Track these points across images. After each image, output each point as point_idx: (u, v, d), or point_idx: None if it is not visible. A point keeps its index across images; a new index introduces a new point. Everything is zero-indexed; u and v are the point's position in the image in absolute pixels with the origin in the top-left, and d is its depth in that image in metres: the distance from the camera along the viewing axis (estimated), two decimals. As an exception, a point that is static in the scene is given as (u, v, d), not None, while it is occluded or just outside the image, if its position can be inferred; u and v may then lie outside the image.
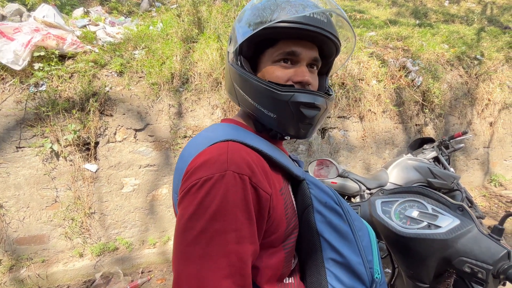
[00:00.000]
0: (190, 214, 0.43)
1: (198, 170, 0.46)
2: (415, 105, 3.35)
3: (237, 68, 0.57)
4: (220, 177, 0.44)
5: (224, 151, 0.48)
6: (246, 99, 0.57)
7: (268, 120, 0.56)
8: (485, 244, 0.63)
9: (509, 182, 4.05)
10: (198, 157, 0.49)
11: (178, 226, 0.45)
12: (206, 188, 0.44)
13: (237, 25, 0.58)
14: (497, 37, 4.63)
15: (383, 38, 3.79)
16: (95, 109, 2.21)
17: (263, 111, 0.55)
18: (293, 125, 0.55)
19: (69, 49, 2.32)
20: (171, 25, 2.97)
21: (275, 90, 0.52)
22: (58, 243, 2.27)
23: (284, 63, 0.56)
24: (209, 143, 0.51)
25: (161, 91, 2.46)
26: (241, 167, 0.46)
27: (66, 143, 2.18)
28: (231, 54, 0.60)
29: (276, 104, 0.53)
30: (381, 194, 0.89)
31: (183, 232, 0.43)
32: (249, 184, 0.45)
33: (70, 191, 2.24)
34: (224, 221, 0.43)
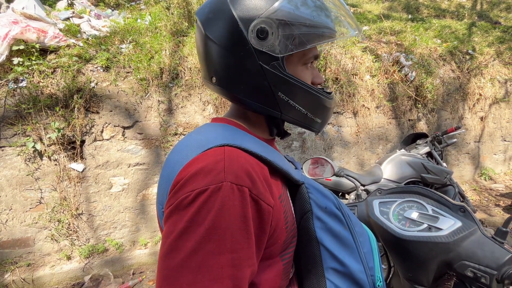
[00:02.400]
0: (179, 232, 0.37)
1: (190, 181, 0.40)
2: (408, 100, 3.35)
3: (287, 76, 0.51)
4: (216, 189, 0.39)
5: (220, 158, 0.42)
6: (295, 107, 0.54)
7: (312, 124, 0.57)
8: (488, 247, 0.61)
9: (498, 176, 4.13)
10: (189, 166, 0.43)
11: (163, 245, 0.38)
12: (199, 202, 0.38)
13: (286, 17, 0.48)
14: (488, 32, 4.67)
15: (377, 33, 3.76)
16: (80, 106, 2.11)
17: (313, 118, 0.56)
18: (326, 124, 0.61)
19: (51, 43, 2.20)
20: (160, 18, 2.87)
21: (326, 97, 0.56)
22: (44, 245, 2.19)
23: (308, 65, 0.56)
24: (202, 148, 0.45)
25: (150, 87, 2.37)
26: (240, 177, 0.41)
27: (49, 142, 2.08)
28: (262, 52, 0.49)
29: (324, 110, 0.57)
30: (378, 194, 0.86)
31: (169, 253, 0.37)
32: (249, 197, 0.40)
33: (55, 192, 2.15)
34: (218, 241, 0.37)
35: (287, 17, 0.48)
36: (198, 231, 0.37)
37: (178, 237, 0.37)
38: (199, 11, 0.55)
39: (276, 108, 0.53)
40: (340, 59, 3.08)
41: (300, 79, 0.52)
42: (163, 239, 0.40)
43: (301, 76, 0.53)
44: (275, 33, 0.48)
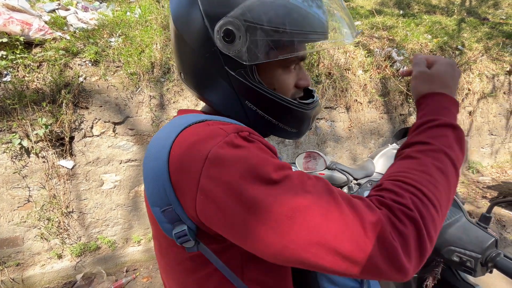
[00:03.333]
0: (239, 191, 0.34)
1: (194, 154, 0.37)
2: (399, 95, 3.39)
3: (255, 85, 0.46)
4: (228, 141, 0.37)
5: (207, 127, 0.40)
6: (264, 117, 0.49)
7: (287, 134, 0.54)
8: (473, 232, 0.63)
9: (485, 169, 4.25)
10: (179, 145, 0.39)
11: (238, 214, 0.34)
12: (223, 158, 0.35)
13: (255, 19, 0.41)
14: (477, 28, 4.75)
15: (369, 28, 3.78)
16: (68, 101, 2.05)
17: (286, 129, 0.52)
18: (305, 132, 0.56)
19: (36, 36, 2.12)
20: (150, 11, 2.80)
21: (305, 110, 0.51)
22: (33, 245, 2.13)
23: (290, 68, 0.50)
24: (180, 128, 0.41)
25: (140, 81, 2.32)
26: (239, 128, 0.40)
27: (37, 138, 2.01)
28: (229, 57, 0.44)
29: (301, 121, 0.53)
30: (369, 186, 0.88)
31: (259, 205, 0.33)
32: (253, 138, 0.40)
33: (44, 190, 2.09)
34: (269, 164, 0.36)
35: (257, 19, 0.40)
36: (255, 175, 0.34)
37: (242, 199, 0.34)
38: (171, 1, 0.49)
39: (244, 116, 0.49)
40: (333, 54, 3.09)
41: (274, 84, 0.48)
42: (233, 215, 0.35)
43: (279, 80, 0.48)
44: (243, 37, 0.41)
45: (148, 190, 0.43)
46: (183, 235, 0.40)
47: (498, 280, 1.96)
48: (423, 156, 0.39)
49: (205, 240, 0.42)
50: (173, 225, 0.41)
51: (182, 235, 0.40)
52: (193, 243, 0.42)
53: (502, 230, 2.80)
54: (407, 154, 0.41)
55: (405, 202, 0.33)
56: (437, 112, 0.43)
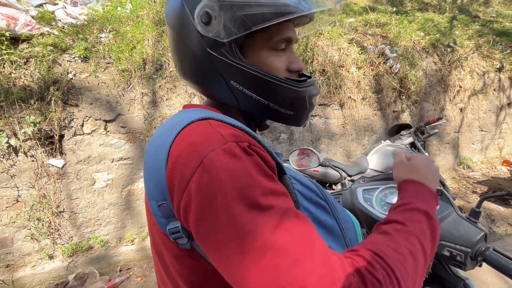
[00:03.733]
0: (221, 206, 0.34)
1: (191, 155, 0.37)
2: (392, 92, 3.41)
3: (236, 62, 0.47)
4: (225, 150, 0.37)
5: (210, 127, 0.40)
6: (252, 97, 0.49)
7: (283, 117, 0.52)
8: (463, 227, 0.64)
9: (475, 164, 4.33)
10: (179, 143, 0.39)
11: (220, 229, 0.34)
12: (218, 167, 0.35)
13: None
14: (468, 26, 4.82)
15: (362, 25, 3.79)
16: (57, 98, 2.00)
17: (279, 110, 0.50)
18: (305, 117, 0.54)
19: (22, 31, 2.06)
20: (142, 7, 2.74)
21: (296, 87, 0.49)
22: (23, 245, 2.09)
23: (280, 50, 0.50)
24: (182, 125, 0.41)
25: (132, 78, 2.28)
26: (239, 136, 0.39)
27: (25, 136, 1.96)
28: (208, 38, 0.46)
29: (295, 101, 0.51)
30: (362, 182, 0.88)
31: (235, 226, 0.33)
32: (251, 151, 0.39)
33: (33, 190, 2.05)
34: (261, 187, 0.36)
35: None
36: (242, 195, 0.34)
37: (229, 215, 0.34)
38: (166, 4, 0.53)
39: (233, 98, 0.49)
40: (327, 50, 3.09)
41: (262, 67, 0.48)
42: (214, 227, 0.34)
43: (266, 63, 0.48)
44: (218, 17, 0.44)
45: (147, 182, 0.43)
46: (177, 232, 0.40)
47: (487, 273, 2.01)
48: (399, 237, 0.41)
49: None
50: (167, 220, 0.41)
51: (175, 231, 0.40)
52: (186, 240, 0.41)
53: (491, 224, 2.87)
54: (385, 230, 0.43)
55: (378, 276, 0.34)
56: (416, 198, 0.46)
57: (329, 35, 3.21)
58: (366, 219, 0.76)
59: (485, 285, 1.96)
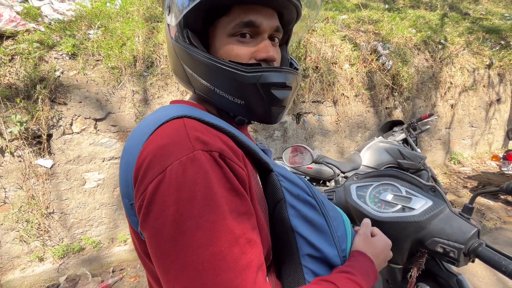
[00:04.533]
0: (172, 220, 0.34)
1: (156, 160, 0.36)
2: (385, 88, 3.44)
3: (185, 46, 0.46)
4: (190, 161, 0.36)
5: (182, 129, 0.39)
6: (203, 83, 0.47)
7: (234, 107, 0.47)
8: (456, 223, 0.64)
9: (466, 159, 4.41)
10: (149, 145, 0.39)
11: (160, 239, 0.35)
12: (178, 179, 0.35)
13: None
14: (458, 23, 4.88)
15: (355, 22, 3.79)
16: (44, 96, 1.94)
17: (226, 97, 0.47)
18: (264, 110, 0.48)
19: (6, 27, 1.99)
20: (132, 3, 2.69)
21: (241, 71, 0.44)
22: (12, 248, 2.04)
23: (242, 38, 0.47)
24: (157, 124, 0.41)
25: (122, 76, 2.23)
26: (209, 143, 0.38)
27: (11, 136, 1.90)
28: (173, 28, 0.48)
29: (243, 88, 0.45)
30: (355, 179, 0.88)
31: (175, 242, 0.34)
32: (222, 161, 0.38)
33: (21, 191, 1.99)
34: (216, 209, 0.35)
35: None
36: (194, 207, 0.34)
37: (173, 226, 0.34)
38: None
39: (188, 82, 0.51)
40: (320, 47, 3.08)
41: (222, 55, 0.47)
42: (153, 236, 0.35)
43: (225, 50, 0.47)
44: (172, 4, 0.47)
45: (120, 180, 0.43)
46: None
47: (478, 267, 2.05)
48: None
49: None
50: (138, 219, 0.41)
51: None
52: None
53: (481, 218, 2.93)
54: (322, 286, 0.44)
55: None
56: (362, 273, 0.48)
57: (322, 32, 3.20)
58: (360, 216, 0.76)
59: (475, 278, 2.00)
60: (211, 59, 0.45)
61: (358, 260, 0.51)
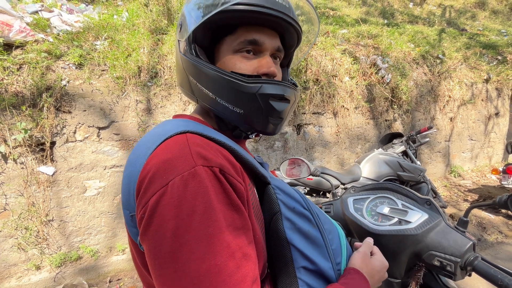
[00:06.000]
0: (172, 233, 0.35)
1: (158, 174, 0.38)
2: (384, 101, 3.48)
3: (192, 58, 0.50)
4: (191, 176, 0.37)
5: (184, 144, 0.41)
6: (206, 93, 0.50)
7: (234, 116, 0.50)
8: (452, 237, 0.64)
9: (466, 172, 4.41)
10: (152, 158, 0.41)
11: (159, 252, 0.36)
12: (179, 193, 0.36)
13: (186, 9, 0.50)
14: (456, 38, 4.98)
15: (355, 36, 3.88)
16: (50, 105, 1.98)
17: (227, 106, 0.49)
18: (262, 120, 0.50)
19: (16, 37, 2.05)
20: (138, 15, 2.77)
21: (241, 81, 0.47)
22: (9, 255, 2.02)
23: (247, 54, 0.51)
24: (162, 138, 0.43)
25: (127, 85, 2.28)
26: (210, 159, 0.40)
27: (15, 143, 1.93)
28: (182, 43, 0.52)
29: (243, 97, 0.48)
30: (352, 192, 0.89)
31: (173, 254, 0.35)
32: (222, 177, 0.40)
33: (22, 198, 2.00)
34: (216, 221, 0.36)
35: (190, 7, 0.50)
36: (190, 224, 0.35)
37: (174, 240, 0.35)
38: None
39: (192, 93, 0.54)
40: (320, 60, 3.15)
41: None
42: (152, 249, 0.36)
43: (229, 65, 0.50)
44: (183, 23, 0.51)
45: (122, 192, 0.45)
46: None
47: (478, 281, 2.02)
48: None
49: None
50: (138, 230, 0.41)
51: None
52: None
53: (482, 232, 2.90)
54: None
55: None
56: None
57: (322, 45, 3.28)
58: (357, 229, 0.76)
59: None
60: (215, 69, 0.48)
61: (353, 278, 0.51)
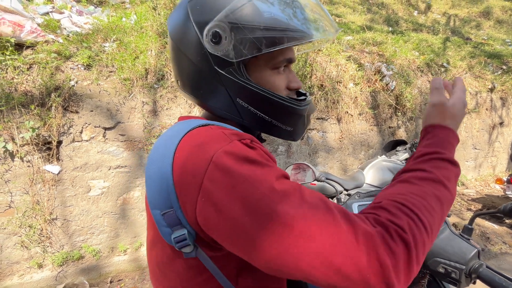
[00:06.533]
0: (242, 195, 0.35)
1: (198, 158, 0.38)
2: (389, 108, 3.49)
3: (245, 81, 0.48)
4: (230, 147, 0.39)
5: (211, 130, 0.42)
6: (256, 114, 0.51)
7: (282, 132, 0.54)
8: (457, 244, 0.64)
9: (470, 181, 4.38)
10: (183, 148, 0.40)
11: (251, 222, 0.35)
12: (228, 162, 0.37)
13: (232, 19, 0.45)
14: (460, 47, 4.99)
15: (360, 43, 3.91)
16: (58, 104, 2.01)
17: (280, 126, 0.53)
18: (301, 132, 0.57)
19: (27, 38, 2.09)
20: (146, 18, 2.81)
21: (296, 106, 0.52)
22: (12, 253, 2.03)
23: (279, 69, 0.53)
24: (183, 132, 0.43)
25: (133, 87, 2.30)
26: (241, 135, 0.42)
27: (22, 142, 1.95)
28: (217, 57, 0.48)
29: (295, 118, 0.54)
30: (357, 198, 0.89)
31: (271, 215, 0.34)
32: (255, 145, 0.42)
33: (27, 196, 2.02)
34: (271, 171, 0.38)
35: (239, 20, 0.45)
36: (259, 181, 0.36)
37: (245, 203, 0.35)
38: (168, 17, 0.56)
39: (237, 114, 0.51)
40: (325, 66, 3.17)
41: (265, 85, 0.50)
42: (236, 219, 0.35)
43: (269, 81, 0.50)
44: (228, 37, 0.46)
45: (150, 192, 0.43)
46: (183, 240, 0.41)
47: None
48: (424, 184, 0.40)
49: (203, 246, 0.42)
50: (172, 229, 0.41)
51: (181, 239, 0.41)
52: (192, 248, 0.42)
53: (486, 242, 2.87)
54: (408, 178, 0.42)
55: (401, 223, 0.34)
56: (443, 146, 0.45)
57: (327, 51, 3.30)
58: None
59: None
60: (274, 95, 0.50)
61: (437, 136, 0.46)
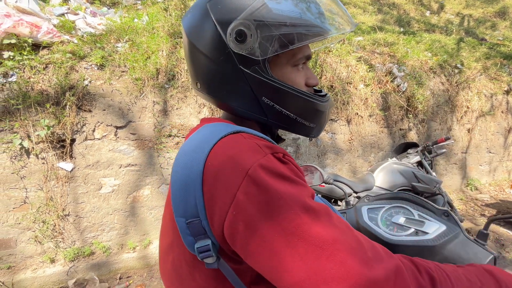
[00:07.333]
0: (276, 212, 0.35)
1: (232, 170, 0.37)
2: (400, 110, 3.43)
3: (270, 79, 0.48)
4: (265, 161, 0.39)
5: (244, 140, 0.41)
6: (282, 112, 0.51)
7: (305, 129, 0.55)
8: (472, 249, 0.62)
9: (483, 186, 4.26)
10: (216, 156, 0.39)
11: (282, 238, 0.34)
12: (263, 178, 0.36)
13: (263, 17, 0.45)
14: (475, 48, 4.86)
15: (370, 43, 3.86)
16: (72, 103, 2.06)
17: (304, 123, 0.53)
18: (322, 128, 0.58)
19: (44, 38, 2.15)
20: (158, 19, 2.85)
21: (319, 102, 0.53)
22: (26, 247, 2.09)
23: (299, 66, 0.53)
24: (215, 139, 0.41)
25: (145, 87, 2.34)
26: (274, 148, 0.41)
27: (38, 139, 2.01)
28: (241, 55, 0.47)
29: (318, 114, 0.54)
30: (366, 201, 0.88)
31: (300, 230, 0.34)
32: (286, 160, 0.42)
33: (41, 192, 2.07)
34: (303, 190, 0.38)
35: (265, 17, 0.44)
36: (294, 199, 0.35)
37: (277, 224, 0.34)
38: (183, 17, 0.54)
39: (262, 113, 0.51)
40: (335, 67, 3.14)
41: (287, 82, 0.49)
42: (267, 231, 0.34)
43: (290, 78, 0.51)
44: (254, 35, 0.45)
45: (175, 199, 0.42)
46: (206, 250, 0.40)
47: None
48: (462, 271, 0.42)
49: (226, 258, 0.42)
50: (195, 238, 0.40)
51: (205, 250, 0.40)
52: (214, 259, 0.41)
53: (501, 249, 2.78)
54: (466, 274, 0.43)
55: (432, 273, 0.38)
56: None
57: (337, 52, 3.27)
58: (372, 239, 0.75)
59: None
60: (298, 91, 0.50)
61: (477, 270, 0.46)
